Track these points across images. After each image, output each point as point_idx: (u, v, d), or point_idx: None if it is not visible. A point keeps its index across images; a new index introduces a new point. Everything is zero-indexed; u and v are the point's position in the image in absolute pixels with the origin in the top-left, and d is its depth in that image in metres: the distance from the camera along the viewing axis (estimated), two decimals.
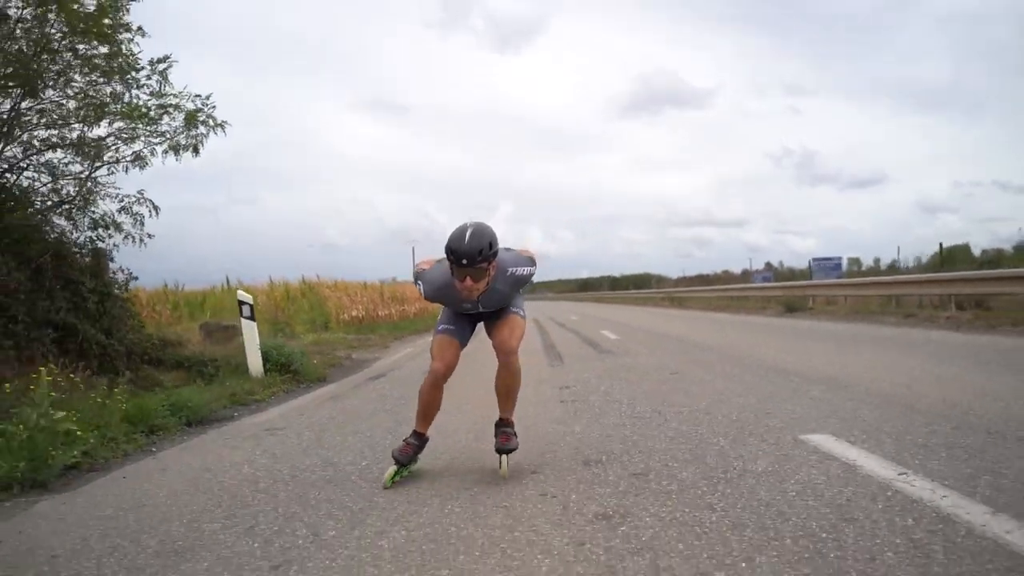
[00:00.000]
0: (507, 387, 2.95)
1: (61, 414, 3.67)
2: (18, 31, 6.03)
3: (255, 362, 6.40)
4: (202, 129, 6.99)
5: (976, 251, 24.42)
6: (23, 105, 6.29)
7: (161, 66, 6.68)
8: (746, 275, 42.02)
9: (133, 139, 6.88)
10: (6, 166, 6.37)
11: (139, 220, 6.84)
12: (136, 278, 7.06)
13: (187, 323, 11.96)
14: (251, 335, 6.50)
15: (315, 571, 2.00)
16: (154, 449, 4.01)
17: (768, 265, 47.59)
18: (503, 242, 2.80)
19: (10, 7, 5.91)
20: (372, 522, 2.40)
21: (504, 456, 2.90)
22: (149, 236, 6.85)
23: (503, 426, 2.97)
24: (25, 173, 6.62)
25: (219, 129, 6.99)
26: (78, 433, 3.68)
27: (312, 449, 3.68)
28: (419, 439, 2.93)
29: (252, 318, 6.61)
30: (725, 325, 13.74)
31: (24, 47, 6.04)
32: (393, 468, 2.83)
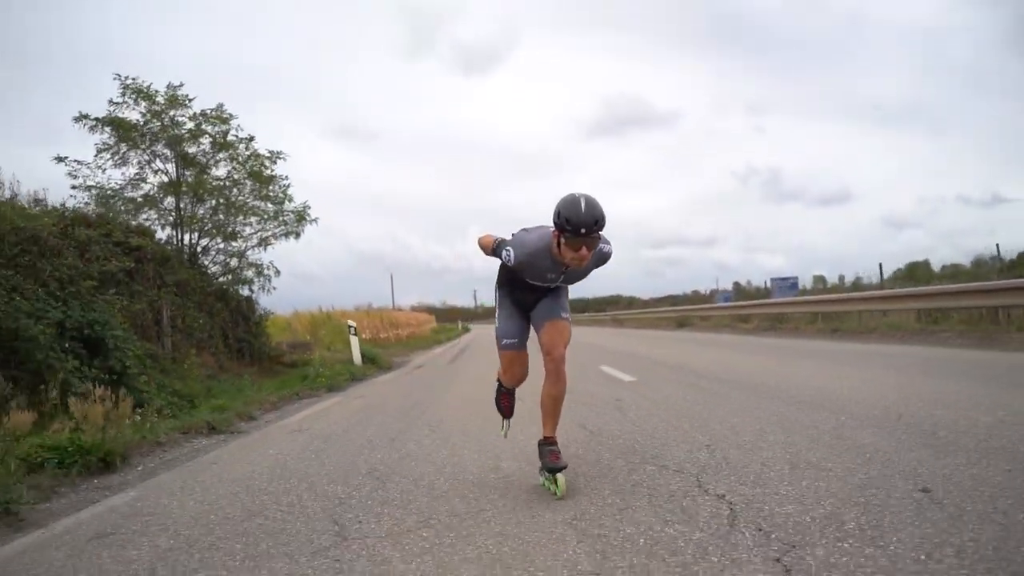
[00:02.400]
0: (554, 399, 2.84)
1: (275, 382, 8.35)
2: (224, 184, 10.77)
3: (357, 356, 11.11)
4: (305, 223, 11.75)
5: (938, 266, 23.72)
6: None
7: (285, 183, 11.45)
8: (700, 295, 44.35)
9: (265, 232, 11.61)
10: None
11: (268, 279, 11.53)
12: (272, 314, 11.75)
13: None
14: (355, 342, 11.23)
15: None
16: (309, 404, 8.63)
17: (736, 284, 46.44)
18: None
19: (215, 165, 10.65)
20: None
21: (559, 475, 2.74)
22: (274, 288, 11.54)
23: (548, 444, 2.85)
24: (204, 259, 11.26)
25: (314, 223, 11.75)
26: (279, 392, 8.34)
27: (410, 391, 8.34)
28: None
29: (356, 334, 11.35)
30: (659, 339, 18.70)
31: (217, 203, 10.77)
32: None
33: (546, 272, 2.77)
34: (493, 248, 2.85)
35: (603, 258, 2.81)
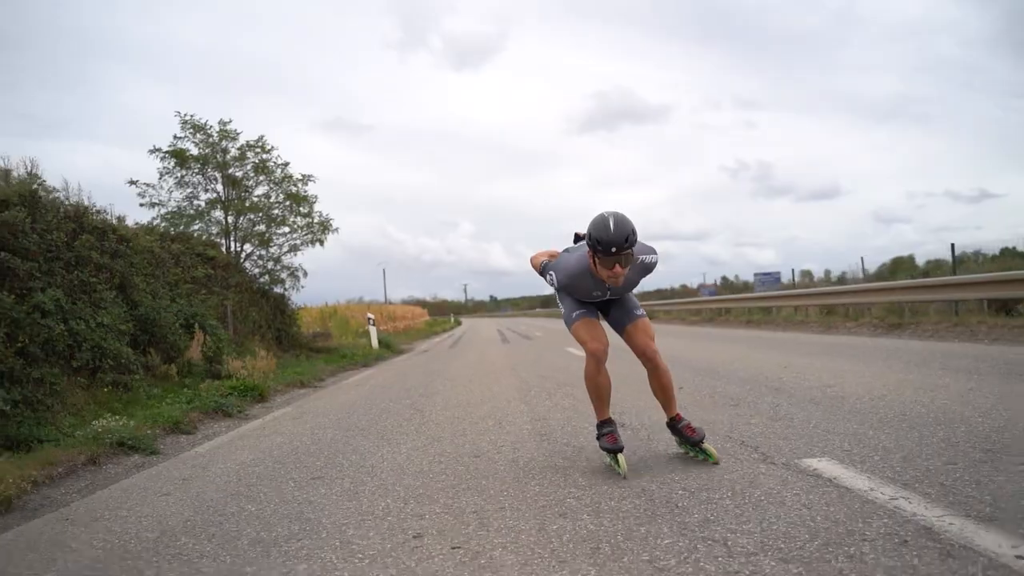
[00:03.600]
0: (663, 387, 2.94)
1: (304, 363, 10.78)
2: (258, 200, 13.15)
3: (375, 342, 13.56)
4: (328, 232, 14.16)
5: (922, 261, 23.44)
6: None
7: (314, 200, 13.87)
8: (688, 290, 44.41)
9: (295, 240, 14.01)
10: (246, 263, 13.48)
11: (298, 279, 13.94)
12: (301, 307, 14.17)
13: None
14: (373, 331, 13.71)
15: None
16: (353, 373, 11.07)
17: (724, 279, 44.89)
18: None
19: (257, 186, 13.03)
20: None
21: (706, 444, 2.85)
22: (303, 286, 13.96)
23: (677, 422, 2.94)
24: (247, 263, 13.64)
25: (335, 232, 14.16)
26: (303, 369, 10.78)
27: (427, 365, 10.79)
28: (610, 424, 2.90)
29: (374, 324, 13.80)
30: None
31: (257, 217, 13.16)
32: (617, 456, 2.81)
33: (591, 290, 2.86)
34: (540, 270, 2.98)
35: (648, 268, 2.87)
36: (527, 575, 1.80)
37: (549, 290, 3.12)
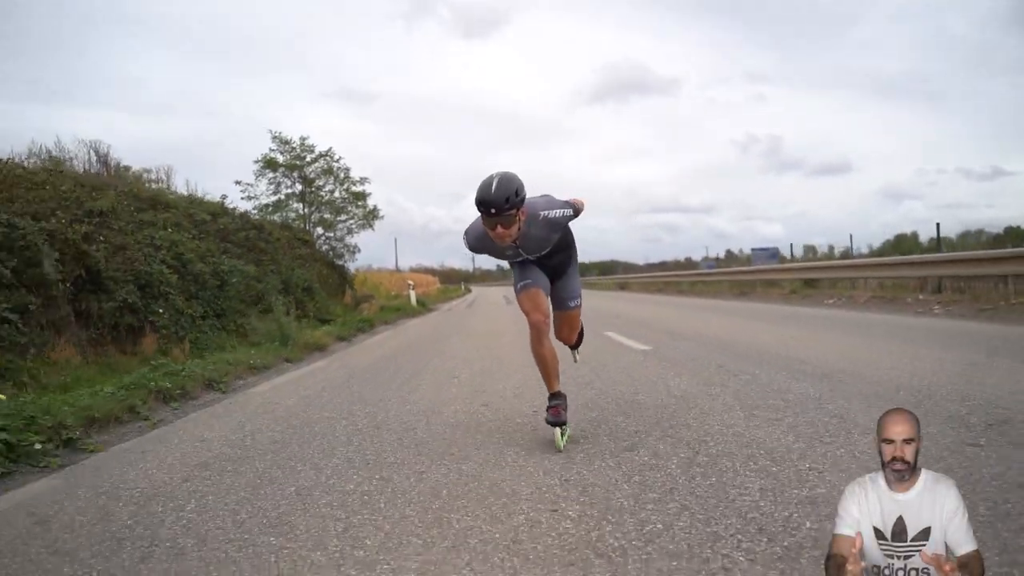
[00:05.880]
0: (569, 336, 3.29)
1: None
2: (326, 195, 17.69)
3: (414, 301, 18.21)
4: (375, 219, 18.74)
5: (928, 238, 23.45)
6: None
7: (369, 193, 18.40)
8: (691, 262, 44.80)
9: (351, 224, 18.60)
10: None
11: (353, 253, 18.55)
12: (354, 275, 18.84)
13: None
14: (413, 294, 18.35)
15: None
16: (410, 320, 15.70)
17: (728, 252, 45.30)
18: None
19: (323, 189, 17.57)
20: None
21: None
22: (356, 259, 18.57)
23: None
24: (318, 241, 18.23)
25: (379, 220, 18.72)
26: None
27: (456, 317, 15.40)
28: (558, 397, 2.88)
29: (413, 288, 18.43)
30: (632, 301, 25.77)
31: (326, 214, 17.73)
32: (557, 431, 2.79)
33: (503, 250, 2.82)
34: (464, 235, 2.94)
35: (556, 224, 2.78)
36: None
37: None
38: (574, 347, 3.39)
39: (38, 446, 2.94)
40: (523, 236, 2.71)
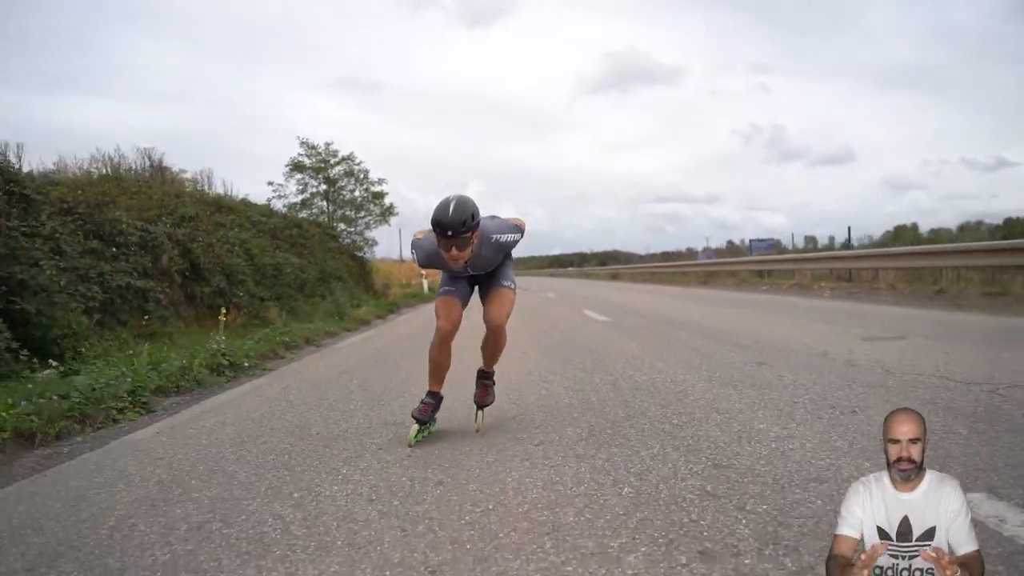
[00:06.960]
0: (491, 353, 3.20)
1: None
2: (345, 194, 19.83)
3: (426, 290, 20.34)
4: (390, 215, 20.87)
5: (930, 229, 24.89)
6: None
7: (386, 193, 20.53)
8: (691, 252, 45.12)
9: (369, 220, 20.74)
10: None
11: (372, 246, 20.71)
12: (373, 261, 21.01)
13: None
14: (425, 282, 20.48)
15: None
16: (425, 305, 17.81)
17: (730, 243, 46.64)
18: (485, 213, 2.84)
19: (345, 189, 19.68)
20: None
21: (480, 411, 3.09)
22: (374, 251, 20.73)
23: (483, 378, 3.20)
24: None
25: (394, 216, 20.85)
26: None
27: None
28: (434, 398, 3.02)
29: (425, 277, 20.57)
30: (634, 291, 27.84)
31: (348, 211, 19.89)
32: (415, 427, 2.93)
33: (452, 267, 2.86)
34: (412, 247, 2.98)
35: (504, 247, 2.94)
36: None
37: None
38: (481, 406, 3.17)
39: (246, 363, 5.10)
40: (474, 256, 2.79)
